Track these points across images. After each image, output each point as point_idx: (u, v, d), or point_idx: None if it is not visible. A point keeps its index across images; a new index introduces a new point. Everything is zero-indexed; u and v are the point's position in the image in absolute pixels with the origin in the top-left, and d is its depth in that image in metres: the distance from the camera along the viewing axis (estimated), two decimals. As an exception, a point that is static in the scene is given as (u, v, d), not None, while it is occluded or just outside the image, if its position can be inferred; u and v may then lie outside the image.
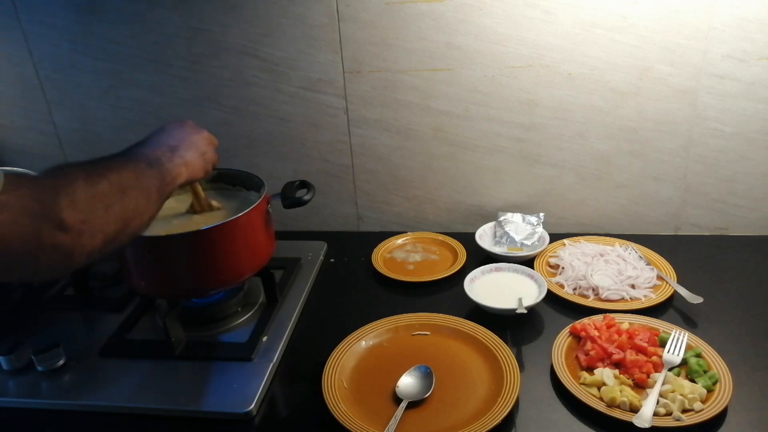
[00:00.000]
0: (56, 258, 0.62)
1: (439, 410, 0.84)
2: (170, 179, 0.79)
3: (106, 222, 0.66)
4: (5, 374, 0.96)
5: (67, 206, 0.61)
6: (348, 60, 1.18)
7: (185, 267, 0.95)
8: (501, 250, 1.19)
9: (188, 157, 0.84)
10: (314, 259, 1.23)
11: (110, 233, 0.67)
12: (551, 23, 1.09)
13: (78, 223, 0.62)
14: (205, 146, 0.89)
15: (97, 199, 0.65)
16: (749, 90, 1.09)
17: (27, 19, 1.24)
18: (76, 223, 0.62)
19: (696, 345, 0.90)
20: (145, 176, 0.74)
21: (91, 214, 0.64)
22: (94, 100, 1.31)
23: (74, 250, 0.62)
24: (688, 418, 0.78)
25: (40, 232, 0.59)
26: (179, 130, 0.87)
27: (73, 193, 0.63)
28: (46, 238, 0.60)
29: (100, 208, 0.65)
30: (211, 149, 0.90)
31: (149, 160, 0.77)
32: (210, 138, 0.91)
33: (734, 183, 1.18)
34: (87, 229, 0.63)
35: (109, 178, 0.68)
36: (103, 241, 0.66)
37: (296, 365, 0.96)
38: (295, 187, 1.03)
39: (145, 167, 0.75)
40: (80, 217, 0.62)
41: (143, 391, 0.91)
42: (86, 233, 0.63)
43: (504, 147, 1.22)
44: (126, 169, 0.72)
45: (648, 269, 1.10)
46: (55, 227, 0.60)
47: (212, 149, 0.91)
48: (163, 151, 0.81)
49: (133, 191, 0.71)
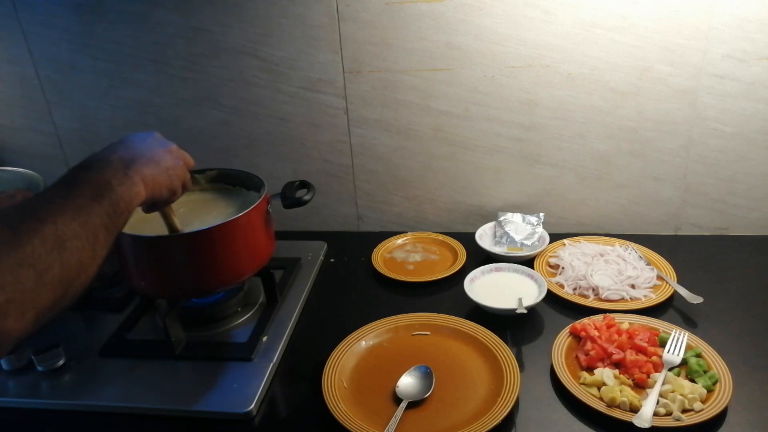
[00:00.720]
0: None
1: (439, 410, 0.84)
2: (124, 206, 0.65)
3: (39, 293, 0.52)
4: (5, 374, 0.96)
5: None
6: (348, 60, 1.18)
7: (185, 267, 0.95)
8: (501, 250, 1.19)
9: (147, 173, 0.71)
10: (314, 259, 1.23)
11: (44, 305, 0.53)
12: (551, 23, 1.09)
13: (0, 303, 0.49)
14: (170, 161, 0.76)
15: (26, 266, 0.51)
16: (749, 90, 1.09)
17: (27, 19, 1.24)
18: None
19: (696, 345, 0.90)
20: (90, 216, 0.60)
21: (18, 290, 0.50)
22: (94, 100, 1.31)
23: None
24: (688, 418, 0.78)
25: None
26: (139, 143, 0.74)
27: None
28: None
29: (29, 278, 0.51)
30: (179, 165, 0.78)
31: (96, 189, 0.63)
32: (179, 152, 0.80)
33: (734, 183, 1.18)
34: (13, 310, 0.50)
35: (42, 233, 0.54)
36: (35, 317, 0.52)
37: (296, 365, 0.96)
38: (295, 187, 1.03)
39: (90, 202, 0.61)
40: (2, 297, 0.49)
41: (143, 391, 0.91)
42: (11, 315, 0.50)
43: (504, 147, 1.22)
44: (65, 212, 0.57)
45: (648, 269, 1.10)
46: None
47: (181, 165, 0.79)
48: (114, 169, 0.67)
49: (75, 241, 0.56)
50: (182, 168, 0.80)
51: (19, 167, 1.19)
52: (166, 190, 0.76)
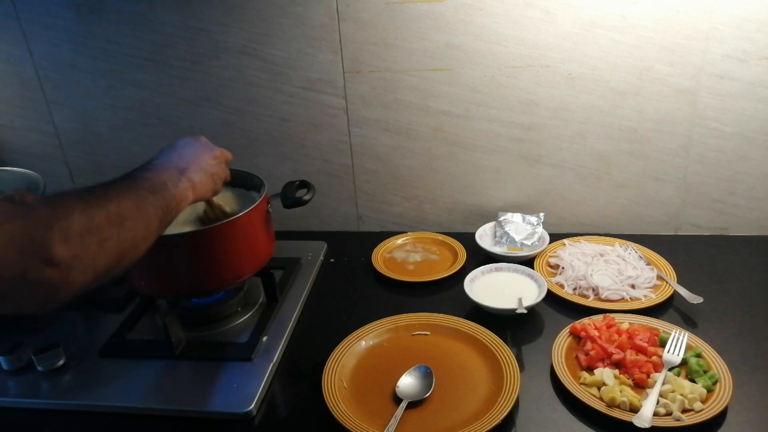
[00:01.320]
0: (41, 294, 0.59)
1: (439, 410, 0.84)
2: (175, 204, 0.76)
3: (99, 257, 0.62)
4: (5, 374, 0.96)
5: (59, 241, 0.58)
6: (348, 60, 1.18)
7: (185, 267, 0.95)
8: (501, 250, 1.19)
9: (196, 179, 0.81)
10: (314, 259, 1.23)
11: (102, 268, 0.63)
12: (551, 23, 1.09)
13: (68, 258, 0.59)
14: (215, 166, 0.87)
15: (92, 232, 0.62)
16: (749, 90, 1.09)
17: (27, 19, 1.24)
18: (66, 258, 0.58)
19: (696, 345, 0.90)
20: (147, 205, 0.70)
21: (84, 249, 0.61)
22: (94, 100, 1.31)
23: (61, 287, 0.59)
24: (688, 418, 0.78)
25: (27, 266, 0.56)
26: (190, 149, 0.84)
27: (67, 227, 0.59)
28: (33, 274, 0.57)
29: (93, 243, 0.62)
30: (222, 167, 0.89)
31: (153, 186, 0.73)
32: (222, 155, 0.90)
33: (734, 183, 1.18)
34: (77, 265, 0.60)
35: (107, 209, 0.64)
36: (94, 276, 0.62)
37: (296, 365, 0.96)
38: (295, 187, 1.03)
39: (148, 194, 0.71)
40: (71, 253, 0.59)
41: (143, 391, 0.91)
42: (76, 269, 0.60)
43: (504, 147, 1.22)
44: (127, 198, 0.68)
45: (648, 269, 1.10)
46: (44, 262, 0.57)
47: (223, 167, 0.89)
48: (170, 174, 0.77)
49: (131, 222, 0.67)
50: (224, 169, 0.90)
51: (19, 167, 1.19)
52: (211, 192, 0.87)
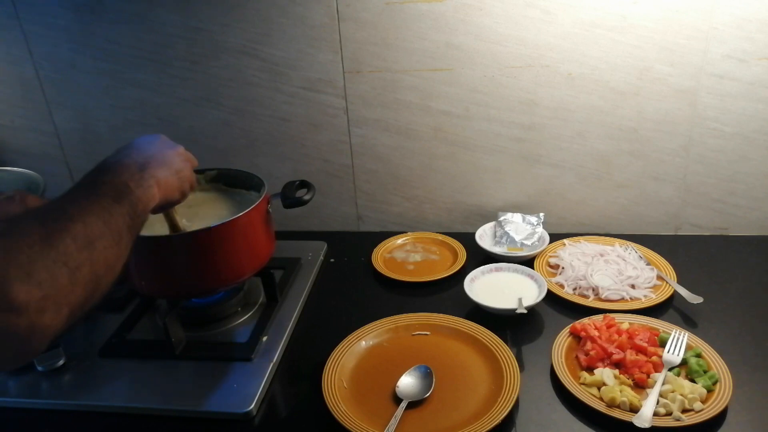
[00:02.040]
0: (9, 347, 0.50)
1: (439, 410, 0.84)
2: (141, 208, 0.67)
3: (74, 290, 0.54)
4: (5, 374, 0.96)
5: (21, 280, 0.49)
6: (348, 60, 1.18)
7: (185, 267, 0.95)
8: (501, 250, 1.19)
9: (161, 176, 0.72)
10: (314, 259, 1.23)
11: (77, 302, 0.54)
12: (551, 23, 1.09)
13: (37, 300, 0.50)
14: (180, 163, 0.78)
15: (60, 263, 0.53)
16: (749, 90, 1.09)
17: (27, 19, 1.24)
18: (33, 300, 0.49)
19: (696, 345, 0.90)
20: (114, 216, 0.62)
21: (54, 286, 0.52)
22: (94, 100, 1.31)
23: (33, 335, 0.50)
24: (688, 418, 0.78)
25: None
26: (149, 145, 0.76)
27: (27, 262, 0.50)
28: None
29: (64, 275, 0.53)
30: (187, 167, 0.80)
31: (116, 191, 0.64)
32: (186, 154, 0.81)
33: (734, 183, 1.18)
34: (49, 306, 0.51)
35: (73, 232, 0.55)
36: (70, 313, 0.54)
37: (296, 365, 0.96)
38: (295, 187, 1.03)
39: (112, 203, 0.63)
40: (39, 293, 0.50)
41: (143, 391, 0.91)
42: (48, 311, 0.51)
43: (504, 147, 1.22)
44: (90, 213, 0.59)
45: (648, 269, 1.10)
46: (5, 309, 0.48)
47: (189, 167, 0.80)
48: (130, 172, 0.68)
49: (102, 240, 0.58)
50: (190, 169, 0.81)
51: (19, 167, 1.19)
52: (178, 191, 0.78)
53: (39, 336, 0.51)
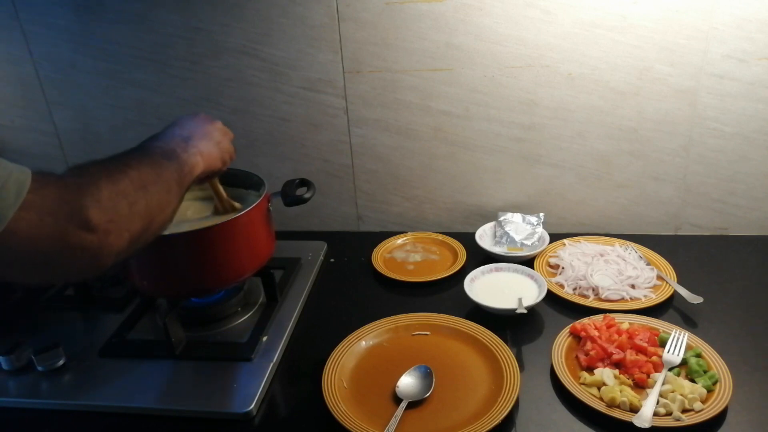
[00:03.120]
0: (84, 259, 0.61)
1: (439, 410, 0.84)
2: (188, 170, 0.78)
3: (132, 220, 0.65)
4: (5, 374, 0.96)
5: (93, 206, 0.60)
6: (348, 60, 1.18)
7: (185, 267, 0.95)
8: (501, 250, 1.19)
9: (203, 147, 0.83)
10: (314, 259, 1.23)
11: (136, 231, 0.66)
12: (551, 23, 1.09)
13: (104, 222, 0.61)
14: (219, 136, 0.88)
15: (121, 196, 0.64)
16: (749, 90, 1.09)
17: (27, 19, 1.24)
18: (102, 222, 0.61)
19: (696, 345, 0.90)
20: (164, 170, 0.73)
21: (117, 213, 0.63)
22: (94, 100, 1.31)
23: (102, 251, 0.61)
24: (688, 418, 0.78)
25: (66, 232, 0.58)
26: (191, 122, 0.86)
27: (97, 193, 0.62)
28: (73, 239, 0.59)
29: (124, 206, 0.64)
30: (226, 140, 0.90)
31: (164, 153, 0.76)
32: (224, 129, 0.91)
33: (734, 183, 1.18)
34: (114, 229, 0.62)
35: (130, 176, 0.67)
36: (130, 240, 0.65)
37: (296, 365, 0.96)
38: (295, 186, 1.03)
39: (162, 160, 0.74)
40: (106, 217, 0.61)
41: (143, 391, 0.91)
42: (113, 233, 0.62)
43: (504, 147, 1.22)
44: (143, 164, 0.71)
45: (648, 269, 1.10)
46: (82, 227, 0.59)
47: (227, 140, 0.91)
48: (176, 142, 0.80)
49: (154, 186, 0.70)
50: (228, 141, 0.91)
51: (19, 167, 1.19)
52: (219, 161, 0.87)
53: (106, 252, 0.62)
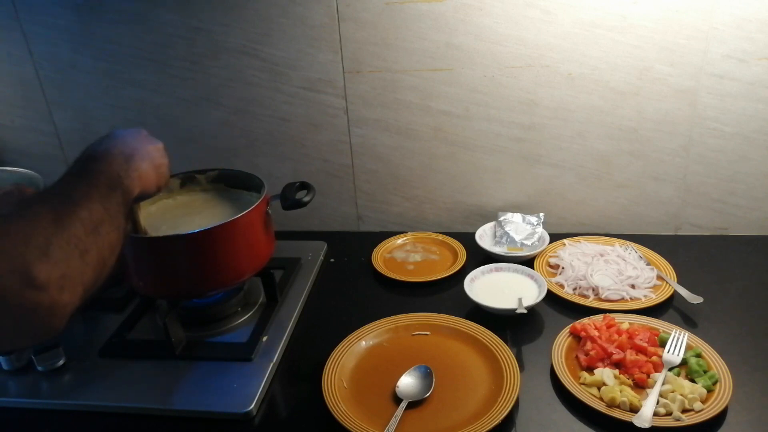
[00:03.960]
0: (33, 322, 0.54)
1: (439, 410, 0.84)
2: (129, 197, 0.71)
3: (84, 271, 0.58)
4: (5, 374, 0.96)
5: (39, 258, 0.53)
6: (348, 60, 1.18)
7: (185, 267, 0.95)
8: (501, 250, 1.19)
9: (143, 169, 0.75)
10: (314, 259, 1.23)
11: (89, 283, 0.59)
12: (551, 23, 1.09)
13: (56, 278, 0.54)
14: (160, 159, 0.80)
15: (72, 245, 0.57)
16: (749, 90, 1.09)
17: (27, 19, 1.24)
18: (53, 278, 0.54)
19: (696, 345, 0.90)
20: (111, 203, 0.66)
21: (69, 266, 0.56)
22: (94, 100, 1.31)
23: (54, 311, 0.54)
24: (688, 418, 0.78)
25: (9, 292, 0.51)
26: (132, 138, 0.78)
27: (45, 243, 0.54)
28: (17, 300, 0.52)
29: (76, 257, 0.57)
30: (165, 163, 0.82)
31: (110, 180, 0.68)
32: (164, 152, 0.83)
33: (734, 183, 1.18)
34: (67, 285, 0.55)
35: (80, 217, 0.59)
36: (84, 292, 0.58)
37: (296, 365, 0.96)
38: (295, 189, 1.03)
39: (108, 191, 0.66)
40: (58, 272, 0.54)
41: (143, 391, 0.91)
42: (66, 289, 0.55)
43: (504, 147, 1.22)
44: (92, 200, 0.63)
45: (648, 269, 1.10)
46: (28, 285, 0.52)
47: (167, 164, 0.83)
48: (119, 163, 0.71)
49: (104, 226, 0.62)
50: (167, 166, 0.83)
51: (19, 167, 1.19)
52: (155, 185, 0.80)
53: (60, 313, 0.55)
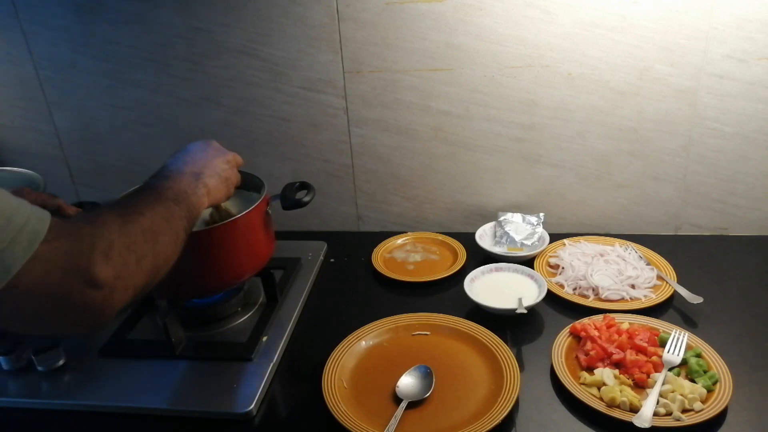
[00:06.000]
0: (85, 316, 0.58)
1: (439, 410, 0.84)
2: (195, 213, 0.76)
3: (138, 275, 0.62)
4: (5, 374, 0.96)
5: (102, 261, 0.58)
6: (348, 60, 1.18)
7: (185, 267, 0.93)
8: (501, 250, 1.19)
9: (211, 185, 0.81)
10: (314, 259, 1.23)
11: (140, 286, 0.63)
12: (551, 23, 1.09)
13: (111, 279, 0.58)
14: (228, 170, 0.87)
15: (131, 250, 0.61)
16: (749, 90, 1.09)
17: (27, 19, 1.24)
18: (109, 279, 0.58)
19: (696, 345, 0.90)
20: (174, 217, 0.71)
21: (125, 269, 0.60)
22: (94, 100, 1.31)
23: (104, 308, 0.58)
24: (688, 418, 0.78)
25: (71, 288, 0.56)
26: (202, 153, 0.84)
27: (108, 247, 0.59)
28: (77, 296, 0.56)
29: (133, 261, 0.61)
30: (234, 171, 0.89)
31: (176, 196, 0.73)
32: (234, 159, 0.90)
33: (734, 183, 1.18)
34: (119, 285, 0.59)
35: (142, 225, 0.64)
36: (134, 295, 0.62)
37: (296, 365, 0.96)
38: (295, 189, 1.03)
39: (173, 205, 0.72)
40: (113, 273, 0.59)
41: (143, 391, 0.91)
42: (118, 289, 0.59)
43: (504, 147, 1.22)
44: (156, 211, 0.68)
45: (648, 269, 1.10)
46: (88, 284, 0.57)
47: (235, 173, 0.89)
48: (187, 181, 0.77)
49: (163, 237, 0.67)
50: (236, 174, 0.90)
51: (19, 167, 1.19)
52: (224, 195, 0.86)
53: (109, 310, 0.59)
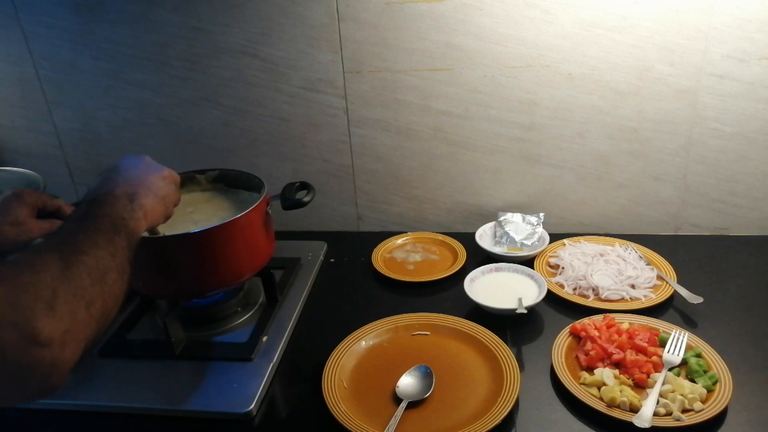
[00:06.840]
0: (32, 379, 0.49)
1: (439, 410, 0.84)
2: (134, 240, 0.67)
3: (89, 324, 0.53)
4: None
5: (46, 314, 0.49)
6: (348, 60, 1.18)
7: (185, 267, 0.95)
8: (501, 250, 1.19)
9: (148, 206, 0.73)
10: (314, 259, 1.23)
11: (91, 337, 0.54)
12: (551, 23, 1.09)
13: (59, 334, 0.49)
14: (165, 188, 0.78)
15: (78, 297, 0.53)
16: (749, 90, 1.09)
17: (27, 19, 1.24)
18: (56, 334, 0.49)
19: (696, 345, 0.90)
20: (117, 248, 0.62)
21: (73, 320, 0.51)
22: (94, 100, 1.31)
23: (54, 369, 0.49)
24: (688, 418, 0.78)
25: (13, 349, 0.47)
26: (135, 171, 0.75)
27: (51, 296, 0.50)
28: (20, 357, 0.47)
29: (82, 310, 0.53)
30: (172, 189, 0.80)
31: (114, 224, 0.65)
32: (171, 176, 0.81)
33: (734, 183, 1.18)
34: (70, 339, 0.50)
35: (87, 266, 0.55)
36: (85, 347, 0.53)
37: (296, 365, 0.96)
38: (295, 189, 1.03)
39: (114, 236, 0.63)
40: (61, 327, 0.50)
41: (143, 391, 0.91)
42: (69, 344, 0.50)
43: (504, 147, 1.22)
44: (99, 246, 0.59)
45: (648, 269, 1.10)
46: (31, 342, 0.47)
47: (173, 189, 0.81)
48: (122, 204, 0.68)
49: (111, 275, 0.58)
50: (175, 192, 0.82)
51: (19, 167, 1.19)
52: (163, 216, 0.79)
53: (60, 370, 0.50)
